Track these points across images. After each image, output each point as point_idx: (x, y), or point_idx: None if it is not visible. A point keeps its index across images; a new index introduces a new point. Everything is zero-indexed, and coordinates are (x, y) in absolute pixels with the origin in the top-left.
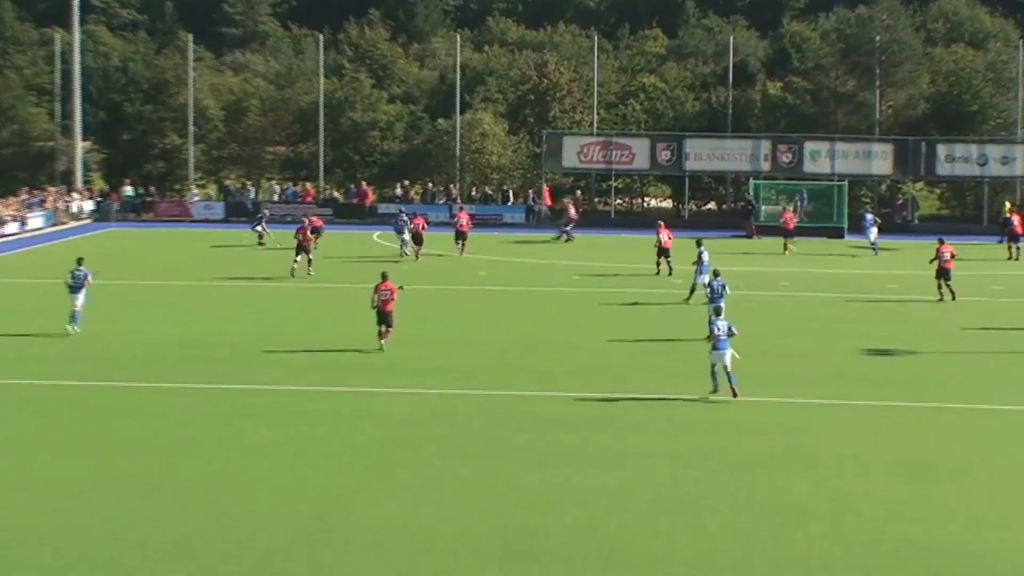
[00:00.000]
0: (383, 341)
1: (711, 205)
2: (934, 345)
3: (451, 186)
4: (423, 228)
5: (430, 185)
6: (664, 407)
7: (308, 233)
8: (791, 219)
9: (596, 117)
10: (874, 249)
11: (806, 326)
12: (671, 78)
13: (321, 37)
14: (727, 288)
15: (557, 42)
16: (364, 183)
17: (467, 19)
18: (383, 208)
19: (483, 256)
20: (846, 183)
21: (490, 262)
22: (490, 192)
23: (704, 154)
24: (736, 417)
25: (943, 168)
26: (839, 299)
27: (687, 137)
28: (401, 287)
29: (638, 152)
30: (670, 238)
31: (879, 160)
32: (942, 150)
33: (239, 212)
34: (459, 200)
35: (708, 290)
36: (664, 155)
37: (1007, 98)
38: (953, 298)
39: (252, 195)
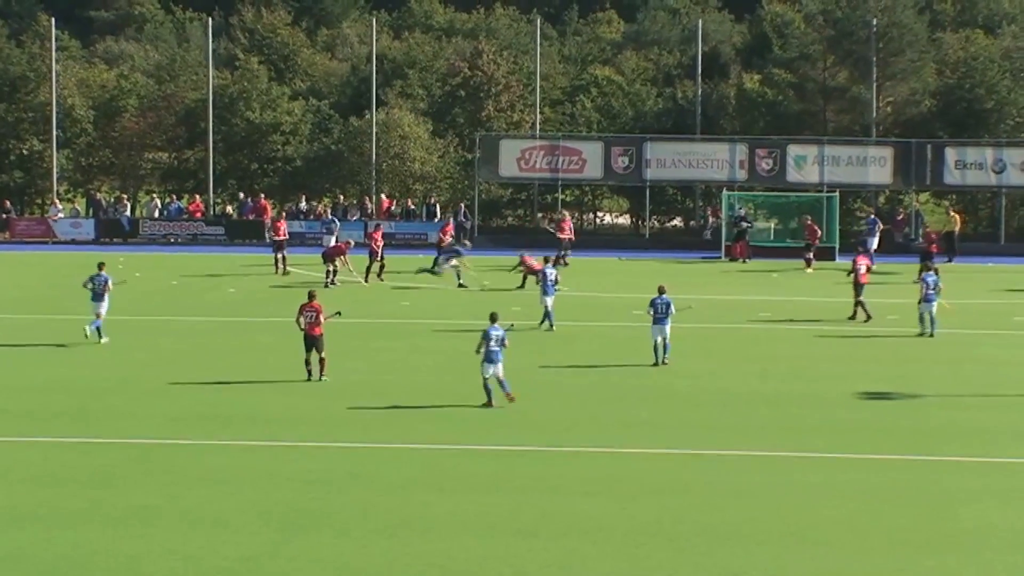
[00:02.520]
0: (322, 375)
1: (677, 221)
2: (941, 387)
3: (367, 199)
4: (377, 243)
5: (341, 198)
6: (610, 461)
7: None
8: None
9: (539, 117)
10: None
11: (789, 365)
12: (629, 70)
13: (210, 21)
14: (672, 307)
15: (492, 27)
16: (262, 196)
17: (385, 0)
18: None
19: (403, 283)
20: (837, 194)
21: (413, 291)
22: (412, 206)
23: (668, 160)
24: (708, 477)
25: (952, 176)
26: (830, 333)
27: (648, 140)
28: (338, 313)
29: (589, 158)
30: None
31: (876, 167)
32: (951, 155)
33: (113, 231)
34: (374, 216)
35: (651, 309)
36: (621, 162)
37: None
38: (867, 318)
39: (128, 211)
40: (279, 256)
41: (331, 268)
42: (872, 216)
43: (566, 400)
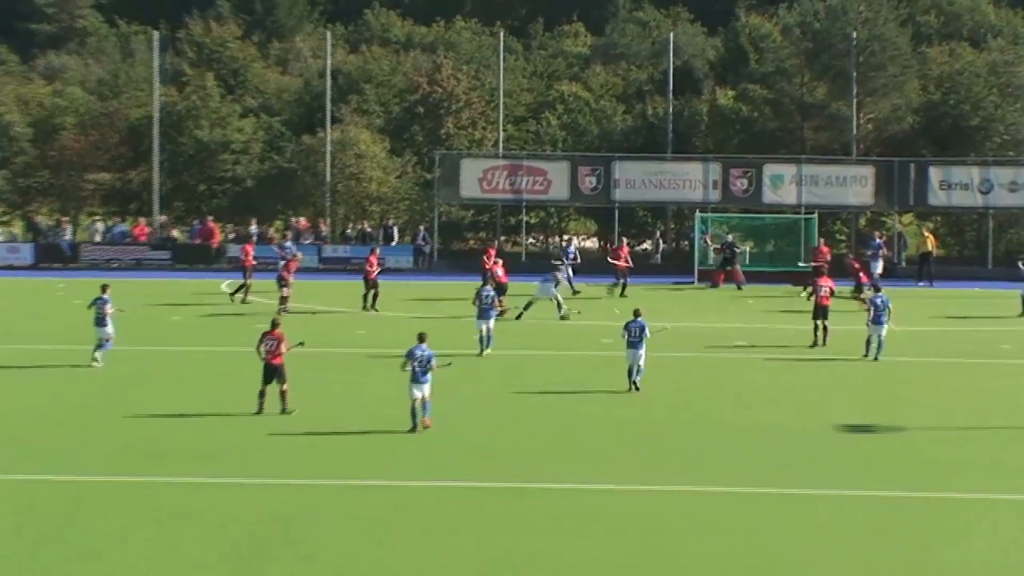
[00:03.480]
0: (284, 408)
1: (647, 245)
2: (925, 418)
3: (320, 221)
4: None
5: (293, 220)
6: (581, 497)
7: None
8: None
9: (502, 135)
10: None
11: (766, 395)
12: (597, 85)
13: (156, 35)
14: (647, 331)
15: (453, 41)
16: (210, 218)
17: (340, 12)
18: (233, 251)
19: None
20: (816, 216)
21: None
22: (369, 229)
23: (638, 181)
24: (682, 513)
25: (937, 197)
26: (809, 360)
27: (616, 159)
28: (301, 343)
29: (555, 178)
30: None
31: (857, 187)
32: (935, 174)
33: (52, 256)
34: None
35: (624, 332)
36: (588, 182)
37: (1016, 108)
38: (825, 342)
39: (68, 234)
40: (248, 284)
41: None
42: (877, 240)
43: (533, 433)
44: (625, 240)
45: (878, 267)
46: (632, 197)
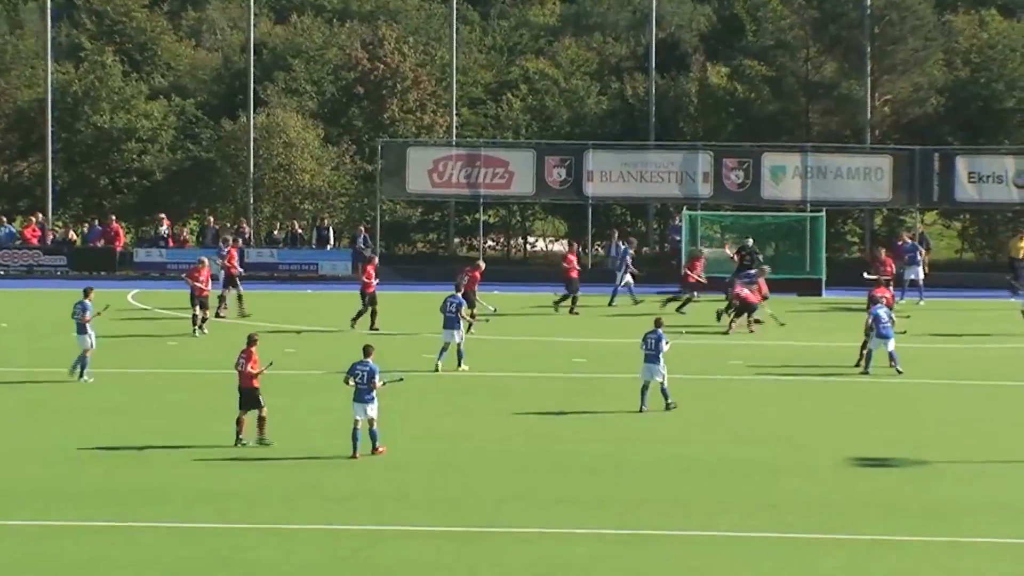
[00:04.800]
0: (260, 435)
1: (598, 249)
2: (946, 450)
3: (242, 221)
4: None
5: (211, 220)
6: (551, 544)
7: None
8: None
9: (456, 119)
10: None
11: (775, 429)
12: (567, 62)
13: (49, 2)
14: (664, 343)
15: (396, 9)
16: (113, 218)
17: None
18: (143, 255)
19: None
20: (823, 214)
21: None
22: (300, 231)
23: (615, 173)
24: (668, 563)
25: (964, 192)
26: (812, 383)
27: (590, 148)
28: (270, 364)
29: (518, 170)
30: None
31: (871, 180)
32: (963, 165)
33: None
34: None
35: (642, 344)
36: (556, 174)
37: None
38: (750, 329)
39: None
40: (236, 294)
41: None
42: (910, 241)
43: (495, 472)
44: (704, 250)
45: (918, 273)
46: (608, 192)
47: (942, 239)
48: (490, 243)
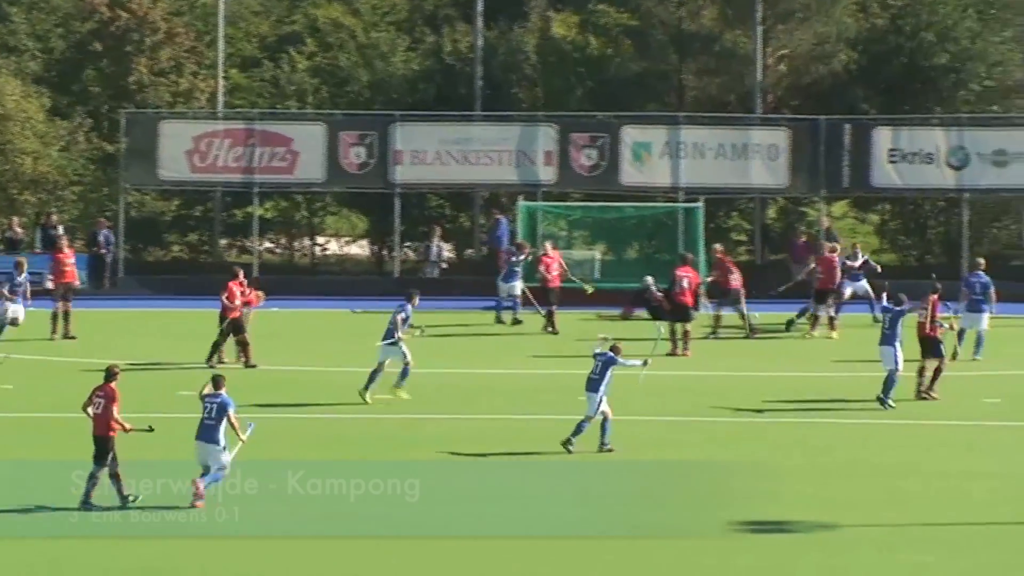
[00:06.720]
0: (126, 496)
1: (446, 250)
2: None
3: None
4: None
5: None
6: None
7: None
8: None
9: (223, 84)
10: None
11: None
12: (367, 8)
13: None
14: (611, 369)
15: None
16: None
17: None
18: None
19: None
20: (701, 205)
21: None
22: (20, 230)
23: (431, 153)
24: None
25: (885, 175)
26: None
27: (398, 121)
28: (150, 428)
29: (304, 149)
30: None
31: (763, 160)
32: (882, 140)
33: None
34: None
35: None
36: (354, 155)
37: (1002, 39)
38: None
39: None
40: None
41: None
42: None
43: None
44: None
45: (857, 288)
46: (422, 177)
47: (855, 235)
48: (268, 245)
